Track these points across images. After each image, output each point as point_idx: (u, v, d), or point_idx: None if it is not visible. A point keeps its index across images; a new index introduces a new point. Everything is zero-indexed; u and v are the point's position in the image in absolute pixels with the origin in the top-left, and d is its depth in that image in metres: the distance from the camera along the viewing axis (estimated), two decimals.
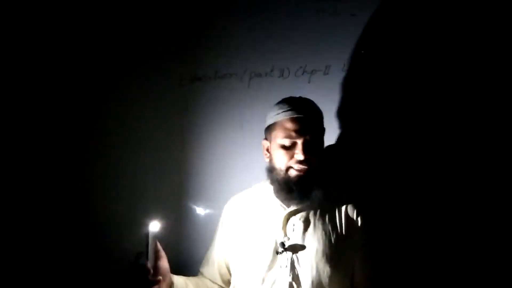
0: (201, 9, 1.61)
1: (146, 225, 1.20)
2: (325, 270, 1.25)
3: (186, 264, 1.52)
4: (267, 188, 1.37)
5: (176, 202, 1.60)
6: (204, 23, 1.61)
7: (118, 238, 1.54)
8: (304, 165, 1.27)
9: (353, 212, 1.32)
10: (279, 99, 1.53)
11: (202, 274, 1.45)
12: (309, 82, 1.54)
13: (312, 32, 1.53)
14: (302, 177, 1.27)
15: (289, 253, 1.28)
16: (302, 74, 1.54)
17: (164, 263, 1.26)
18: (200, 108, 1.61)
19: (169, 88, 1.63)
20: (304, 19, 1.54)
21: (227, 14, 1.60)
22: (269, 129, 1.34)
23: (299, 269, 1.27)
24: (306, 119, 1.29)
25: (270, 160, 1.34)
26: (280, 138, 1.29)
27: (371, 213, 1.33)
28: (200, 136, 1.61)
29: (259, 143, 1.52)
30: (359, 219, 1.31)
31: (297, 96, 1.36)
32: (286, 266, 1.27)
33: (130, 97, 1.64)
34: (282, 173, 1.29)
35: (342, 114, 1.51)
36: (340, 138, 1.52)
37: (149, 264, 1.21)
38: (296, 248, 1.28)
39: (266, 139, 1.37)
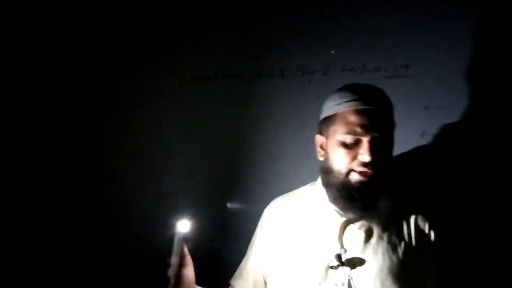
0: (201, 9, 1.61)
1: (174, 224, 1.05)
2: None
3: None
4: (317, 192, 1.17)
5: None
6: (204, 23, 1.61)
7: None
8: (370, 169, 1.05)
9: (425, 224, 1.11)
10: (279, 99, 1.54)
11: None
12: (309, 82, 1.53)
13: (312, 32, 1.52)
14: (367, 184, 1.05)
15: (346, 269, 1.06)
16: (302, 74, 1.53)
17: (189, 272, 1.09)
18: (200, 108, 1.61)
19: (169, 88, 1.62)
20: (303, 19, 1.53)
21: (227, 14, 1.59)
22: (326, 121, 1.12)
23: None
24: (375, 112, 1.06)
25: (326, 160, 1.11)
26: (341, 134, 1.07)
27: (446, 226, 1.14)
28: (199, 137, 1.60)
29: (259, 143, 1.52)
30: (432, 232, 1.10)
31: (296, 95, 1.30)
32: (343, 284, 1.06)
33: (130, 97, 1.64)
34: (341, 177, 1.07)
35: None
36: None
37: (171, 272, 1.05)
38: (355, 263, 1.07)
39: (321, 133, 1.15)
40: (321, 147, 1.15)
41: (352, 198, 1.06)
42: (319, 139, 1.16)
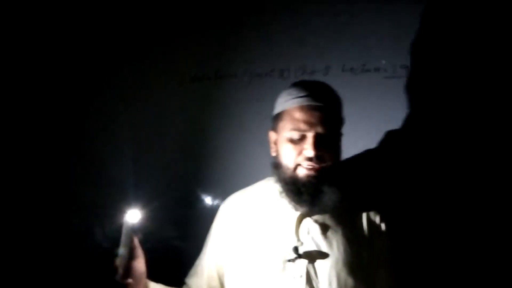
0: (200, 9, 1.61)
1: (123, 213, 1.01)
2: (348, 282, 1.09)
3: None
4: (273, 186, 1.18)
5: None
6: (204, 23, 1.61)
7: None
8: (315, 163, 1.08)
9: (376, 217, 1.16)
10: None
11: (188, 286, 1.26)
12: None
13: (312, 33, 1.53)
14: (313, 178, 1.09)
15: (304, 261, 1.09)
16: (302, 74, 1.54)
17: (139, 264, 1.08)
18: (199, 108, 1.61)
19: (169, 88, 1.62)
20: (304, 20, 1.54)
21: (227, 14, 1.60)
22: (276, 118, 1.16)
23: (316, 281, 1.09)
24: (319, 107, 1.10)
25: (277, 155, 1.16)
26: (287, 130, 1.11)
27: (396, 219, 1.19)
28: (199, 136, 1.60)
29: (259, 143, 1.52)
30: (383, 225, 1.16)
31: None
32: (301, 277, 1.09)
33: (130, 96, 1.64)
34: (289, 172, 1.11)
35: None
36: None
37: (118, 262, 1.03)
38: (312, 256, 1.10)
39: (274, 130, 1.18)
40: (274, 143, 1.18)
41: (299, 191, 1.10)
42: (272, 135, 1.19)
